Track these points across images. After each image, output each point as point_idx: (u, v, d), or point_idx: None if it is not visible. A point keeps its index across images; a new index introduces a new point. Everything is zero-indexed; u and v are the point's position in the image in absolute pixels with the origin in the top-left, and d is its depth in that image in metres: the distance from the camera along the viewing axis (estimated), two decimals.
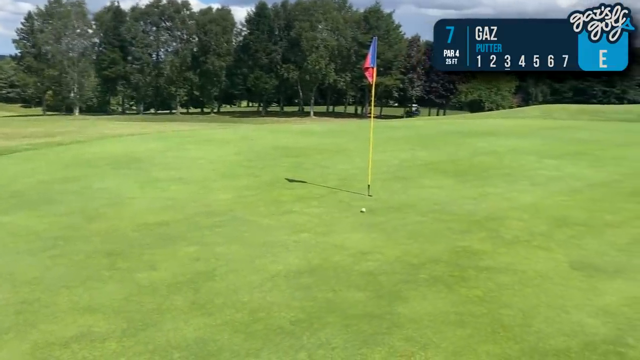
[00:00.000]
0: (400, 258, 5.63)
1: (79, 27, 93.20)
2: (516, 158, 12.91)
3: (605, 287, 4.98)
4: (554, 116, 26.51)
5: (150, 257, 5.66)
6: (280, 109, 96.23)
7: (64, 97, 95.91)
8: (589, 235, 6.61)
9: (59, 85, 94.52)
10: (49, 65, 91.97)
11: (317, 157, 12.80)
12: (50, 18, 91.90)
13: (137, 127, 33.47)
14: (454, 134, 18.41)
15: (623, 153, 13.90)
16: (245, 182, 9.73)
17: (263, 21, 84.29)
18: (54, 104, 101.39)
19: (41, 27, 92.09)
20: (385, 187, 9.36)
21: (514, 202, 8.36)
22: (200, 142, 15.49)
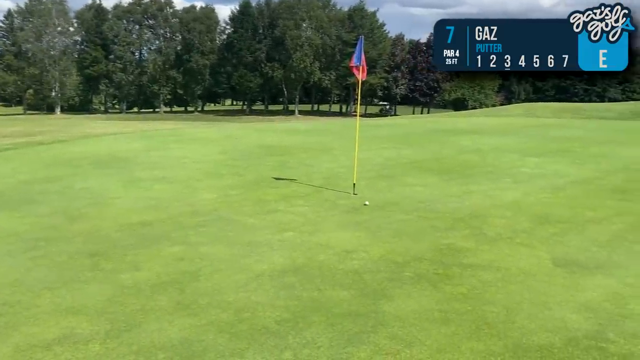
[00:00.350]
0: (385, 256, 5.65)
1: (60, 25, 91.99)
2: (499, 156, 13.03)
3: (587, 283, 5.05)
4: (537, 114, 26.82)
5: (133, 257, 5.61)
6: (265, 107, 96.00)
7: (45, 96, 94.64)
8: (571, 232, 6.70)
9: (40, 84, 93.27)
10: (29, 64, 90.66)
11: (302, 156, 12.80)
12: (31, 16, 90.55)
13: (120, 126, 33.13)
14: (439, 133, 18.53)
15: (603, 150, 14.10)
16: (229, 181, 9.69)
17: (247, 19, 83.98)
18: (34, 103, 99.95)
19: (21, 25, 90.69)
20: (370, 185, 9.39)
21: (497, 199, 8.43)
22: (184, 141, 15.39)
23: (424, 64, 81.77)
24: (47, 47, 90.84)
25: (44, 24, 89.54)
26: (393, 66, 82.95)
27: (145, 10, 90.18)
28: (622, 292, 4.82)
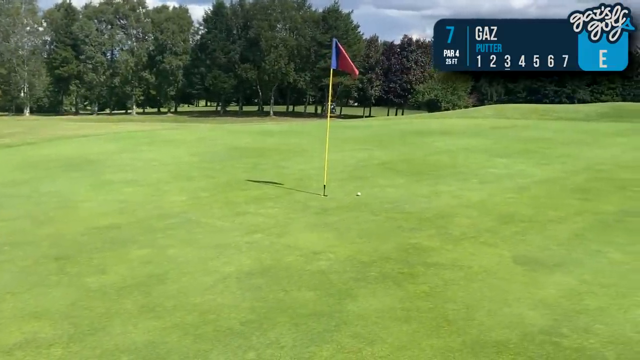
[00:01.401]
0: (352, 257, 5.75)
1: (28, 25, 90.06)
2: (469, 157, 13.28)
3: (545, 280, 5.22)
4: (507, 115, 27.33)
5: (100, 261, 5.59)
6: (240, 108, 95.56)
7: (14, 97, 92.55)
8: (533, 231, 6.89)
9: (8, 85, 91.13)
10: None
11: (275, 158, 12.84)
12: None
13: (91, 128, 32.66)
14: (411, 134, 18.76)
15: (568, 151, 14.47)
16: (200, 183, 9.68)
17: (221, 20, 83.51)
18: (2, 104, 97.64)
19: None
20: (341, 186, 9.48)
21: (464, 200, 8.61)
22: (155, 143, 15.28)
23: (398, 66, 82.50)
24: (15, 47, 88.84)
25: (12, 23, 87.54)
26: (367, 68, 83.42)
27: (117, 10, 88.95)
28: (578, 289, 5.00)
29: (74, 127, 41.05)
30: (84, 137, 17.76)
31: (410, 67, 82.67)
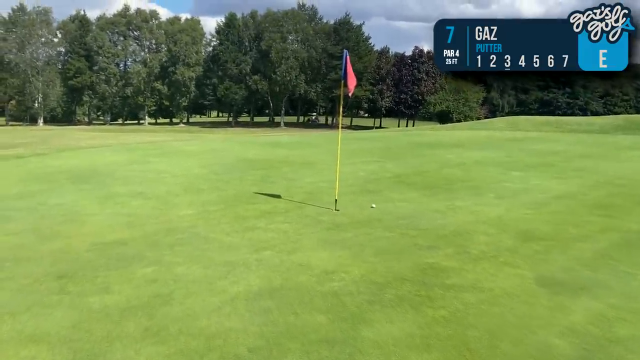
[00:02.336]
0: (366, 277, 5.48)
1: (43, 36, 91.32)
2: (483, 170, 12.98)
3: (571, 304, 4.92)
4: (520, 127, 26.99)
5: (104, 279, 5.38)
6: (251, 119, 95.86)
7: (28, 107, 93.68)
8: (555, 250, 6.59)
9: (23, 95, 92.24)
10: (12, 74, 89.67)
11: (285, 170, 12.63)
12: (14, 26, 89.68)
13: (102, 138, 32.68)
14: (422, 146, 18.50)
15: (585, 164, 14.14)
16: (209, 196, 9.47)
17: (232, 32, 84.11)
18: (17, 114, 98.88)
19: (4, 36, 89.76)
20: (353, 200, 9.24)
21: (480, 215, 8.32)
22: (165, 154, 15.14)
23: (409, 77, 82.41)
24: (31, 58, 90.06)
25: (28, 34, 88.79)
26: (378, 79, 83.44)
27: (130, 21, 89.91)
28: (607, 314, 4.70)
29: (86, 137, 41.21)
30: (93, 148, 17.70)
31: (421, 79, 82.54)
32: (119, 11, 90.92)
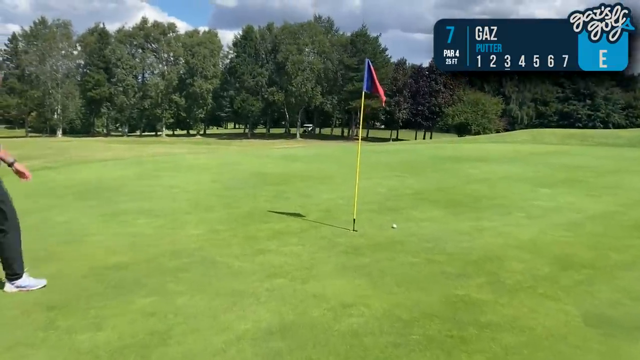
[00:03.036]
0: (389, 312, 4.87)
1: (63, 49, 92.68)
2: (509, 186, 12.31)
3: (629, 350, 4.25)
4: (544, 141, 26.16)
5: (97, 311, 4.84)
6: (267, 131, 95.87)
7: (47, 119, 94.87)
8: (599, 280, 5.91)
9: (42, 107, 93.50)
10: (32, 87, 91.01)
11: (300, 185, 12.09)
12: (35, 39, 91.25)
13: (117, 151, 32.56)
14: (444, 160, 17.84)
15: (617, 181, 13.37)
16: (219, 214, 8.95)
17: (249, 44, 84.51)
18: (37, 125, 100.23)
19: (25, 49, 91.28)
20: (372, 220, 8.65)
21: (511, 238, 7.67)
22: (178, 168, 14.71)
23: (426, 89, 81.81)
24: (51, 70, 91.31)
25: (48, 47, 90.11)
26: (395, 90, 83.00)
27: (148, 34, 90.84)
28: None
29: (102, 148, 41.20)
30: (105, 161, 17.35)
31: (439, 90, 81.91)
32: (137, 24, 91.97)
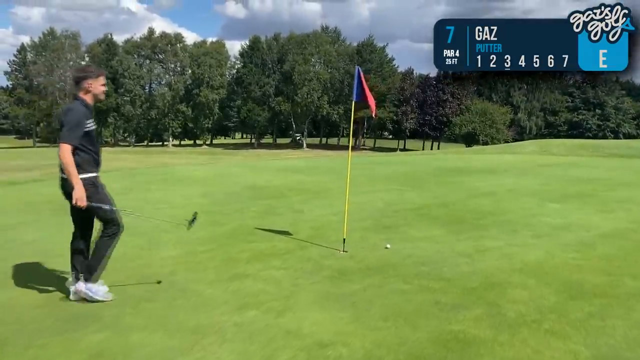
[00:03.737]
0: (370, 353, 4.24)
1: (72, 60, 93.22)
2: (516, 201, 11.63)
3: None
4: (553, 151, 25.42)
5: (36, 351, 4.25)
6: (273, 140, 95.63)
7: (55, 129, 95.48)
8: (613, 312, 5.23)
9: (50, 117, 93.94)
10: (40, 97, 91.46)
11: (293, 200, 11.50)
12: (44, 50, 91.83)
13: (118, 161, 32.24)
14: (448, 172, 17.19)
15: (630, 195, 12.65)
16: (202, 233, 8.35)
17: (256, 54, 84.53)
18: (44, 135, 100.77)
19: (34, 59, 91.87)
20: (365, 238, 8.02)
21: (516, 260, 7.00)
22: (169, 180, 14.17)
23: (434, 98, 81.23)
24: (59, 81, 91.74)
25: (57, 58, 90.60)
26: (402, 100, 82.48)
27: (155, 45, 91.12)
28: None
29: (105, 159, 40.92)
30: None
31: (446, 100, 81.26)
32: (144, 35, 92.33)
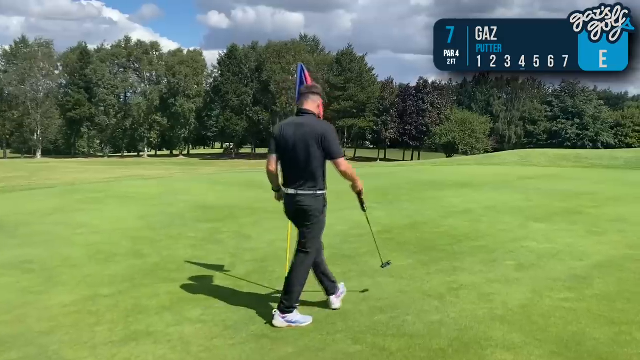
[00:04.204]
0: None
1: (44, 69, 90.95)
2: (495, 221, 10.31)
3: None
4: (533, 162, 24.33)
5: None
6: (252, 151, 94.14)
7: (26, 139, 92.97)
8: None
9: (22, 127, 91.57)
10: (10, 107, 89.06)
11: (244, 221, 10.03)
12: (15, 59, 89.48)
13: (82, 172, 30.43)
14: (423, 185, 15.87)
15: (622, 212, 11.42)
16: (116, 268, 6.84)
17: (234, 63, 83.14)
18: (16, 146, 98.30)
19: (5, 68, 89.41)
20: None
21: (496, 303, 5.62)
22: (106, 199, 12.59)
23: (414, 108, 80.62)
24: (31, 90, 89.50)
25: (29, 67, 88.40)
26: (382, 110, 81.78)
27: (130, 53, 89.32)
28: None
29: (72, 171, 39.08)
30: (31, 191, 15.17)
31: (426, 109, 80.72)
32: (119, 42, 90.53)
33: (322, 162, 4.86)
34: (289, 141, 4.80)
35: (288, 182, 4.95)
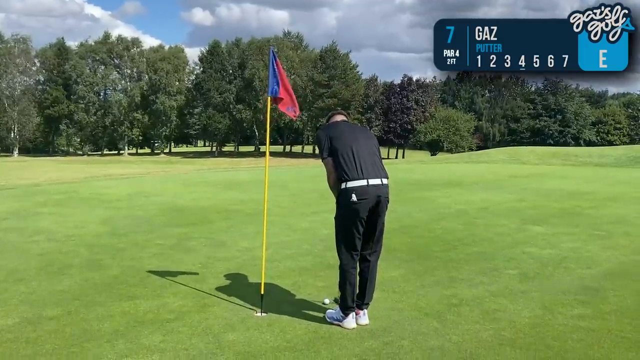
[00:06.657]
0: None
1: (21, 65, 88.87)
2: (491, 223, 9.63)
3: None
4: (522, 160, 23.81)
5: None
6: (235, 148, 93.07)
7: (2, 138, 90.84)
8: None
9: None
10: None
11: (219, 226, 9.20)
12: None
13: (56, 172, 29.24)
14: (411, 186, 15.17)
15: (623, 213, 10.83)
16: (69, 282, 5.97)
17: (216, 59, 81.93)
18: None
19: None
20: (298, 288, 5.81)
21: (503, 324, 4.88)
22: (69, 201, 11.66)
23: (398, 105, 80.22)
24: (7, 87, 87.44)
25: (4, 63, 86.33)
26: (367, 107, 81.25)
27: (111, 49, 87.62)
28: None
29: (44, 170, 37.76)
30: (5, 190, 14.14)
31: (411, 107, 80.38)
32: (100, 38, 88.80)
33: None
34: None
35: (363, 173, 4.68)
